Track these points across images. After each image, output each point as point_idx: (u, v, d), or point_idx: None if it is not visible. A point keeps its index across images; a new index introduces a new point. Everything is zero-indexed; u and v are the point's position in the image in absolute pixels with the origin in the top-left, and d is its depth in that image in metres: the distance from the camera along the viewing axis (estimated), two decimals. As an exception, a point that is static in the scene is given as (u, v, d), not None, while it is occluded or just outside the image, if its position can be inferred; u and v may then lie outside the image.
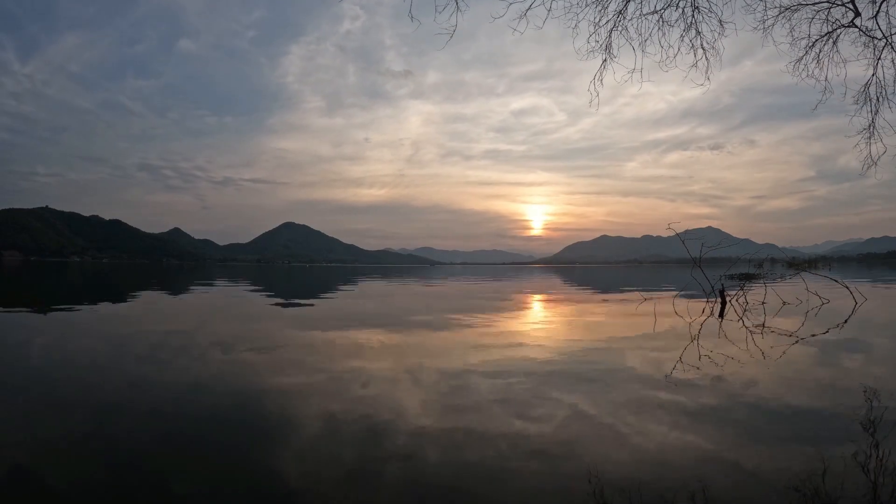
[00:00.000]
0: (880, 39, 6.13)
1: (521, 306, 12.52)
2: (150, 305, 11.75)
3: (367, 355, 5.35)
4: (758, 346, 5.86)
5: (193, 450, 2.67)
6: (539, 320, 9.48)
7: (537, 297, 16.32)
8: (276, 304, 12.72)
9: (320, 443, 2.74)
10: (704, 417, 3.21)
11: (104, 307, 11.30)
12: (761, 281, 12.94)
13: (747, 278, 14.43)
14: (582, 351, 5.66)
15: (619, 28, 5.72)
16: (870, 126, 6.64)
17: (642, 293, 15.59)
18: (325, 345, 6.08)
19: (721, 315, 9.46)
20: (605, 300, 14.18)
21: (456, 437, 2.78)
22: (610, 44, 5.77)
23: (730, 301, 11.45)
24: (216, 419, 3.17)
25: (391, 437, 2.78)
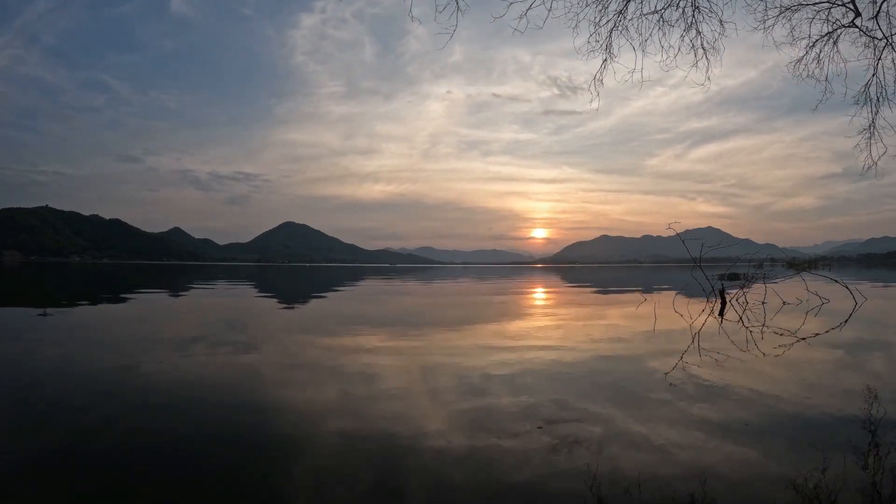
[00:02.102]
0: (881, 39, 6.14)
1: (524, 310, 12.53)
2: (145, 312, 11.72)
3: (375, 359, 5.33)
4: (758, 346, 5.86)
5: (193, 466, 2.51)
6: (543, 324, 9.48)
7: (539, 302, 16.31)
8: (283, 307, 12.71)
9: (333, 461, 2.54)
10: (704, 417, 3.20)
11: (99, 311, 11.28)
12: (747, 281, 12.91)
13: (734, 278, 14.44)
14: (593, 356, 5.66)
15: (620, 28, 5.71)
16: (870, 126, 6.65)
17: (643, 293, 15.66)
18: (333, 349, 6.15)
19: (721, 315, 9.48)
20: (606, 301, 14.20)
21: (483, 455, 2.59)
22: (610, 44, 5.76)
23: (730, 301, 11.47)
24: (218, 433, 3.02)
25: (410, 455, 2.59)
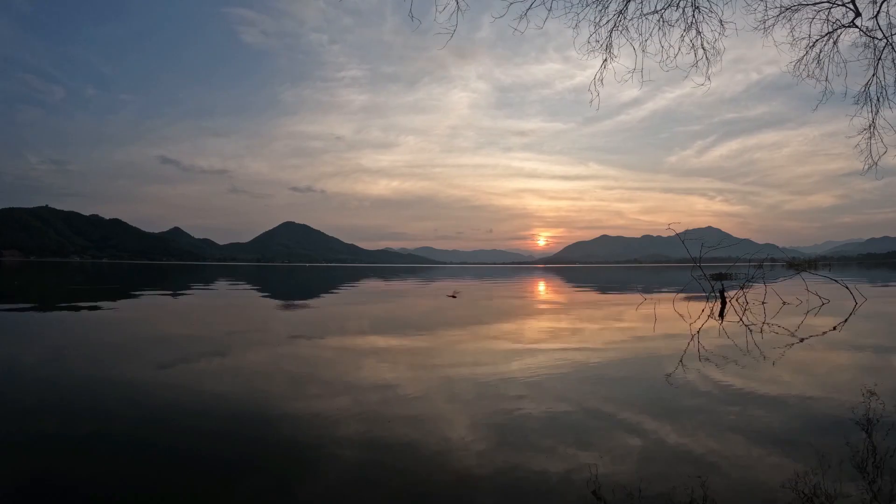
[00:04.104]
0: (881, 39, 6.17)
1: (529, 310, 12.52)
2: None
3: (383, 363, 5.27)
4: (758, 346, 5.85)
5: (193, 479, 2.43)
6: (546, 325, 9.47)
7: (535, 304, 16.30)
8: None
9: (343, 478, 2.34)
10: (704, 417, 3.21)
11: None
12: (746, 282, 12.90)
13: (721, 278, 14.41)
14: (604, 360, 5.61)
15: (620, 28, 5.72)
16: (870, 126, 6.68)
17: (643, 294, 15.68)
18: (340, 352, 6.15)
19: (721, 315, 9.47)
20: (607, 301, 14.20)
21: (507, 475, 2.34)
22: (610, 44, 5.77)
23: (730, 301, 11.48)
24: (219, 445, 2.98)
25: (418, 473, 2.39)
